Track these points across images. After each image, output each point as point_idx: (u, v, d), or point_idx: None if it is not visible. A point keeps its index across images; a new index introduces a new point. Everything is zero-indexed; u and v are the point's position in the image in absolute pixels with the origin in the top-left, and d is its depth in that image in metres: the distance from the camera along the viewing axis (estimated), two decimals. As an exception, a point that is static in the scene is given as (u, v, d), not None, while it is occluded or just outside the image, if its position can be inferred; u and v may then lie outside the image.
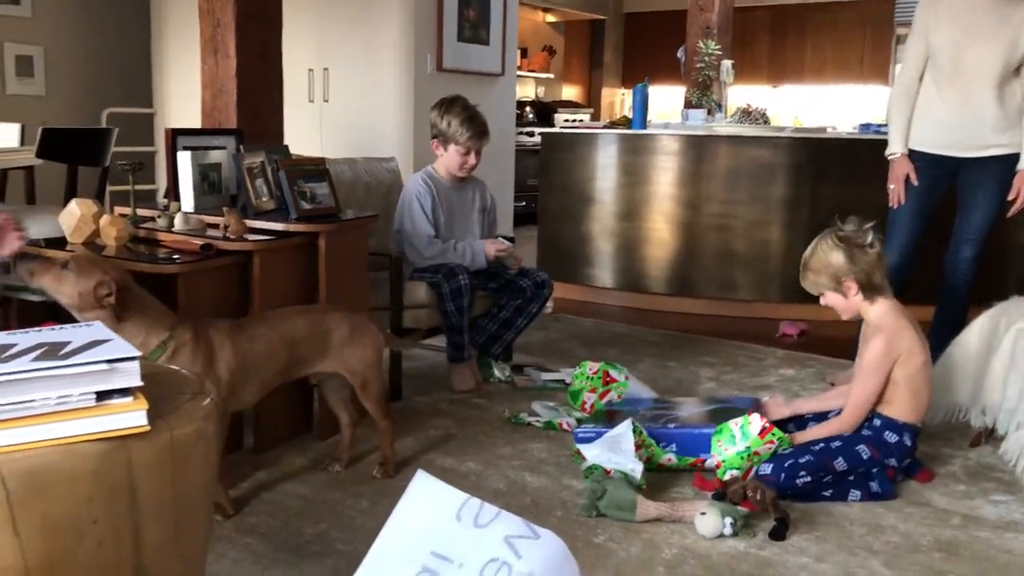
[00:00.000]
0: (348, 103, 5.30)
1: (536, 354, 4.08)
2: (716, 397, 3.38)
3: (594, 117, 10.24)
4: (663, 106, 9.27)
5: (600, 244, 5.44)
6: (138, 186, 3.09)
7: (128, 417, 1.10)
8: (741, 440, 2.56)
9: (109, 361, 1.10)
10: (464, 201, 3.73)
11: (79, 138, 4.35)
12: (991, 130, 3.55)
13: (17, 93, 5.92)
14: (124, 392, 1.11)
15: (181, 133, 3.20)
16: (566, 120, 9.20)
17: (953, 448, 3.03)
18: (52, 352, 1.12)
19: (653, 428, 2.74)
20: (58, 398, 1.07)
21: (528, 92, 10.13)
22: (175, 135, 3.16)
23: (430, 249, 3.51)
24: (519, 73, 7.64)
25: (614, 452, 2.59)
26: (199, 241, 2.78)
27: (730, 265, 5.13)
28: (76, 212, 2.82)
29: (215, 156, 3.17)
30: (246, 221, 2.90)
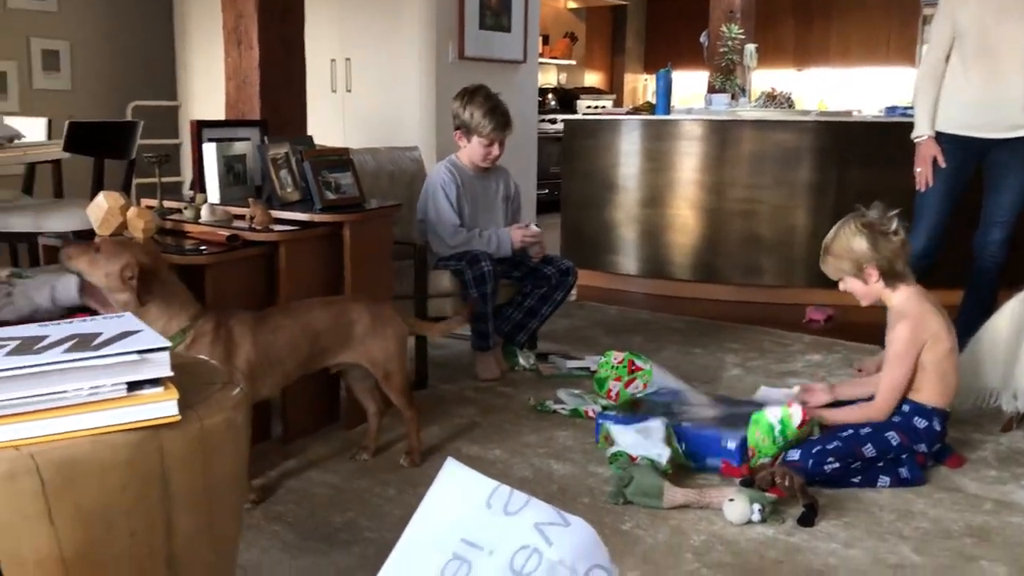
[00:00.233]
0: (371, 93, 5.31)
1: (561, 342, 4.08)
2: (740, 400, 3.16)
3: (617, 103, 10.19)
4: (686, 91, 9.21)
5: (624, 231, 5.42)
6: (164, 178, 3.11)
7: (159, 407, 1.11)
8: (780, 434, 2.54)
9: (140, 352, 1.11)
10: (488, 190, 3.73)
11: (105, 131, 4.38)
12: (1020, 110, 3.50)
13: (44, 88, 5.97)
14: (155, 382, 1.12)
15: (206, 125, 3.22)
16: (588, 107, 9.17)
17: (984, 433, 3.00)
18: (83, 343, 1.13)
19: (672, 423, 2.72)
20: (90, 389, 1.08)
21: (550, 79, 10.10)
22: (200, 127, 3.18)
23: (455, 238, 3.51)
24: (541, 60, 7.62)
25: (645, 438, 2.58)
26: (225, 232, 2.80)
27: (755, 250, 5.10)
28: (103, 205, 2.84)
29: (240, 147, 3.19)
30: (271, 212, 2.91)
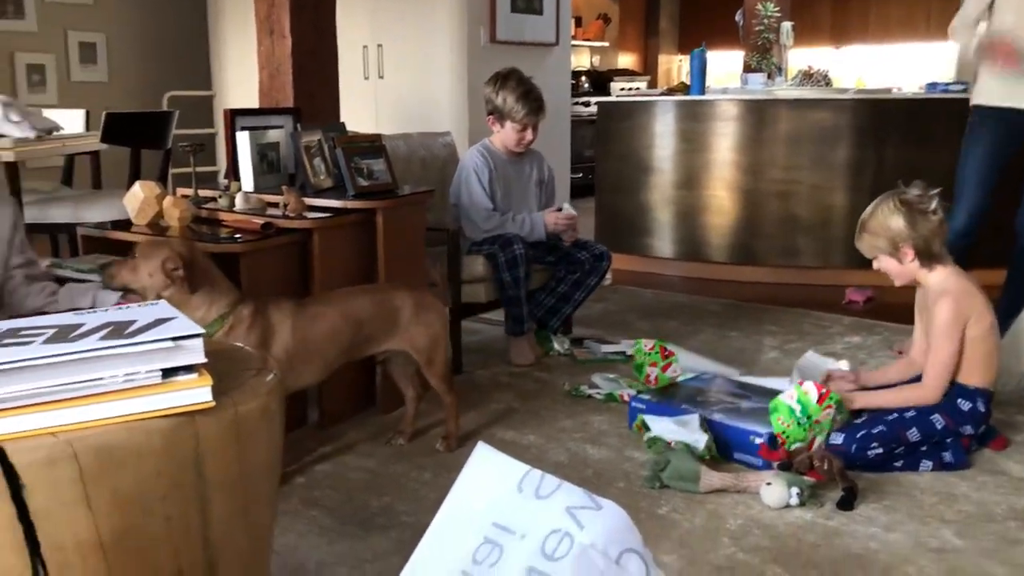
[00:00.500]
0: (402, 79, 5.31)
1: (595, 326, 4.07)
2: (769, 388, 3.01)
3: (651, 85, 10.10)
4: (721, 72, 9.10)
5: (659, 214, 5.38)
6: (199, 167, 3.14)
7: (193, 393, 1.12)
8: (801, 412, 2.51)
9: (174, 339, 1.11)
10: (521, 174, 3.71)
11: (141, 122, 4.43)
12: None
13: (82, 80, 6.05)
14: (189, 369, 1.12)
15: (240, 114, 3.24)
16: (622, 89, 9.09)
17: (1028, 415, 2.95)
18: (118, 331, 1.14)
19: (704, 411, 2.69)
20: (125, 376, 1.09)
21: (583, 62, 10.03)
22: (234, 116, 3.20)
23: (488, 222, 3.50)
24: (574, 42, 7.55)
25: (681, 427, 2.57)
26: (260, 220, 2.82)
27: (793, 231, 5.04)
28: (140, 195, 2.87)
29: (273, 136, 3.20)
30: (305, 199, 2.92)
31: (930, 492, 2.42)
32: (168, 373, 1.11)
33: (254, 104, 3.81)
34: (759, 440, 2.53)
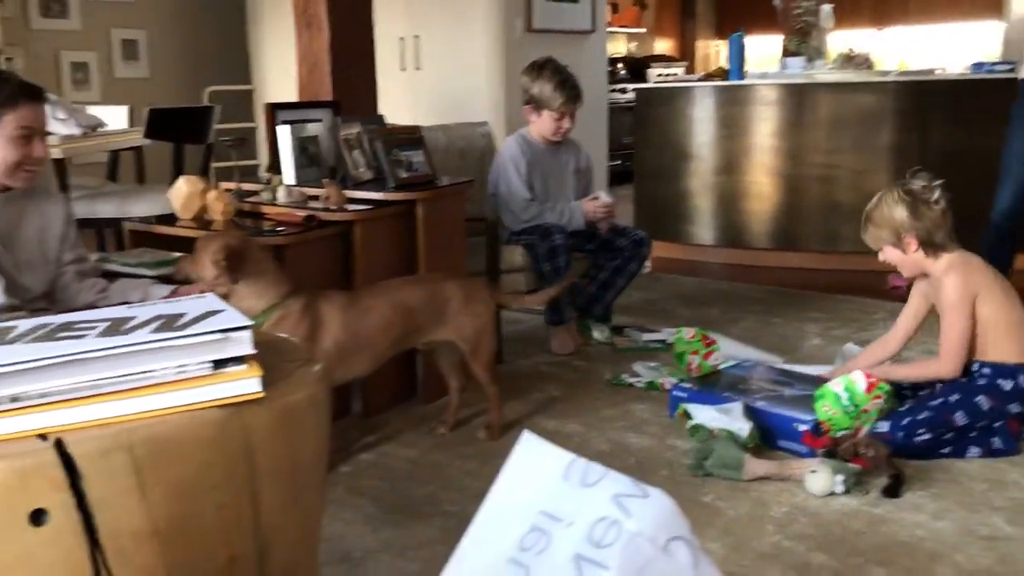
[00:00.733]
0: (440, 70, 5.32)
1: (636, 315, 4.05)
2: (810, 375, 2.98)
3: (688, 70, 10.01)
4: (760, 56, 8.99)
5: (699, 200, 5.35)
6: (241, 161, 3.18)
7: (243, 384, 1.13)
8: (848, 400, 2.48)
9: (223, 331, 1.13)
10: (559, 163, 3.71)
11: (183, 117, 4.48)
12: None
13: (124, 76, 6.14)
14: (238, 360, 1.14)
15: (280, 108, 3.27)
16: (660, 75, 9.02)
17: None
18: (169, 324, 1.16)
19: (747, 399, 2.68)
20: (177, 368, 1.11)
21: (619, 48, 9.96)
22: (274, 110, 3.23)
23: (527, 212, 3.50)
24: (610, 29, 7.50)
25: (724, 415, 2.56)
26: (302, 213, 2.85)
27: (835, 217, 4.98)
28: (184, 189, 2.91)
29: (313, 129, 3.23)
30: (345, 192, 2.95)
31: (979, 479, 2.39)
32: (218, 364, 1.13)
33: (293, 98, 3.85)
34: (803, 428, 2.51)
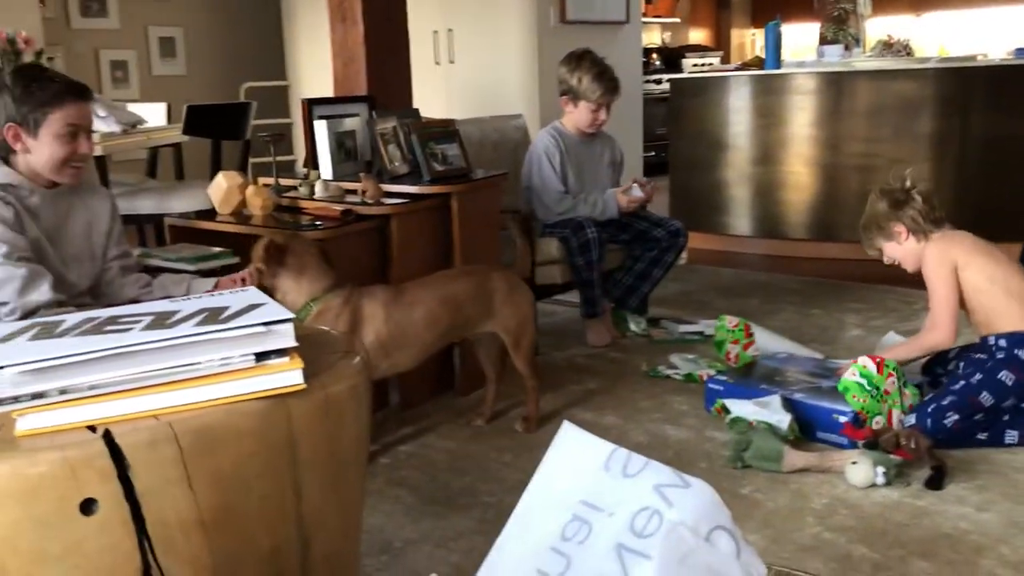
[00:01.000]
0: (473, 62, 5.32)
1: (673, 306, 4.03)
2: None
3: (724, 60, 9.92)
4: (796, 45, 8.89)
5: (735, 191, 5.30)
6: (278, 157, 3.20)
7: (285, 376, 1.15)
8: (869, 384, 2.47)
9: (265, 324, 1.15)
10: (593, 155, 3.70)
11: (221, 114, 4.53)
12: None
13: (162, 74, 6.22)
14: (281, 352, 1.16)
15: (316, 103, 3.29)
16: (695, 65, 8.96)
17: None
18: (213, 317, 1.18)
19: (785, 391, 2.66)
20: (221, 360, 1.13)
21: (654, 38, 9.90)
22: (311, 105, 3.25)
23: (560, 204, 3.50)
24: (644, 19, 7.44)
25: (762, 408, 2.54)
26: (339, 207, 2.87)
27: (874, 206, 4.91)
28: (223, 185, 2.94)
29: (349, 124, 3.25)
30: (381, 186, 2.96)
31: (1024, 471, 2.35)
32: (261, 357, 1.15)
33: (328, 92, 3.87)
34: (843, 419, 2.49)
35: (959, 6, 9.30)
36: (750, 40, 10.88)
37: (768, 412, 2.52)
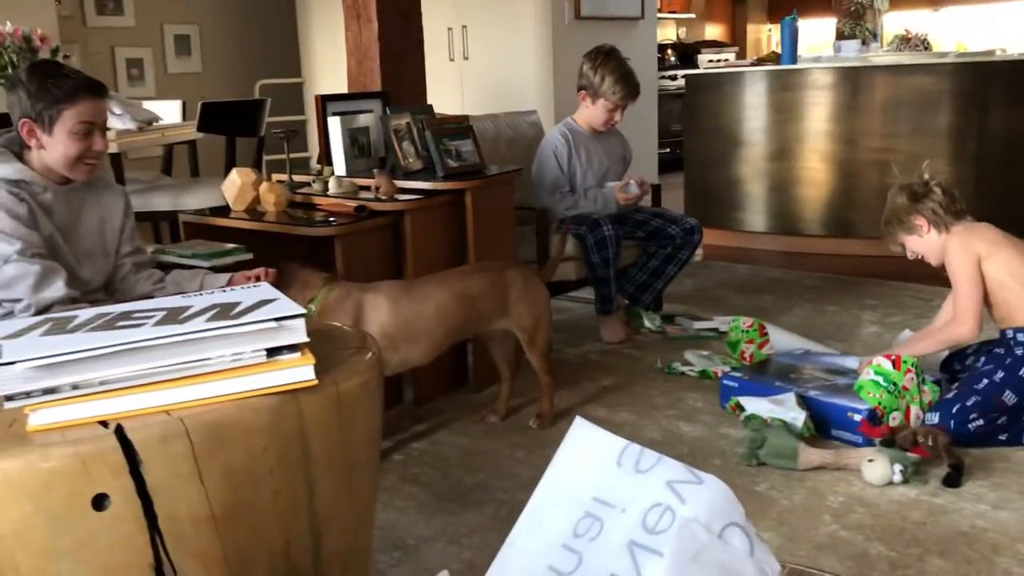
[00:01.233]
0: (488, 59, 5.32)
1: (688, 303, 4.02)
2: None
3: (740, 56, 9.87)
4: (813, 40, 8.85)
5: (751, 187, 5.27)
6: (292, 153, 3.21)
7: (297, 372, 1.15)
8: (887, 383, 2.45)
9: (277, 319, 1.14)
10: (603, 151, 3.68)
11: (235, 111, 4.53)
12: None
13: (177, 71, 6.24)
14: (292, 348, 1.15)
15: (330, 99, 3.29)
16: (710, 61, 8.93)
17: None
18: (224, 312, 1.17)
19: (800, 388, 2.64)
20: (232, 355, 1.13)
21: (669, 34, 9.86)
22: (324, 102, 3.25)
23: (562, 203, 3.50)
24: (659, 15, 7.42)
25: (777, 405, 2.52)
26: (353, 203, 2.87)
27: (891, 202, 4.87)
28: (237, 181, 2.95)
29: (363, 120, 3.25)
30: (395, 182, 2.96)
31: (1043, 469, 2.33)
32: (272, 352, 1.15)
33: (343, 89, 3.87)
34: (858, 416, 2.47)
35: (978, 1, 9.22)
36: (766, 35, 10.83)
37: (783, 409, 2.50)
